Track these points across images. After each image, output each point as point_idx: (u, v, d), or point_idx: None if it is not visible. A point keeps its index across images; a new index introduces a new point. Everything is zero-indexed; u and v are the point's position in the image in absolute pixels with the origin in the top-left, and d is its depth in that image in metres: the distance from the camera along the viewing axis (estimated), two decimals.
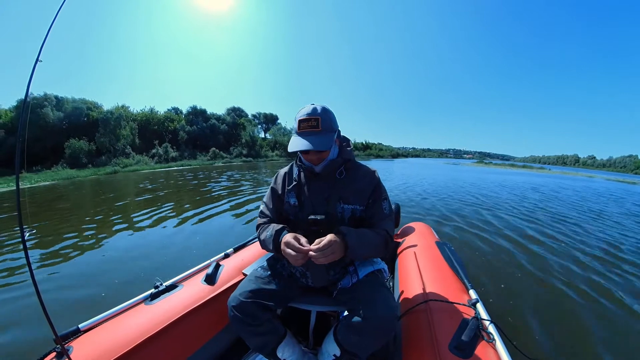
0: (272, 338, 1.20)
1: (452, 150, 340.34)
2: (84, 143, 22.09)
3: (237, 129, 36.53)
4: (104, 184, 12.18)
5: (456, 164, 43.78)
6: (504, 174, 23.20)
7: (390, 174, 16.66)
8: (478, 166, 38.06)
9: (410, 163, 35.46)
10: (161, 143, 28.01)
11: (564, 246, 4.18)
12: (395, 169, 21.94)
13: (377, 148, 65.84)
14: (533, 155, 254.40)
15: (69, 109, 24.73)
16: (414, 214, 5.92)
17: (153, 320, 1.22)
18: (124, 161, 22.45)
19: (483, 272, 3.12)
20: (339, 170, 1.30)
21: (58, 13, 1.02)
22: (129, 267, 3.21)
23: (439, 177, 15.61)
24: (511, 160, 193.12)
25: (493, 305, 2.46)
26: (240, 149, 33.57)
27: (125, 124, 25.87)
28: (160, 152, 26.61)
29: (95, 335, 1.15)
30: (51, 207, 6.96)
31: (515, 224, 5.47)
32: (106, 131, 23.97)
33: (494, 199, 8.51)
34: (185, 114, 35.23)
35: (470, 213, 6.22)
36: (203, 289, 1.45)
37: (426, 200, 7.77)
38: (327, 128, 1.20)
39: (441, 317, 1.20)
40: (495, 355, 1.02)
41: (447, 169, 23.81)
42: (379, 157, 57.36)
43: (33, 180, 14.50)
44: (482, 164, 50.68)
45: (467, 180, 14.61)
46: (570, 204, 8.47)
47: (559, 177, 23.89)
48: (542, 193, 10.69)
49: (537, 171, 30.89)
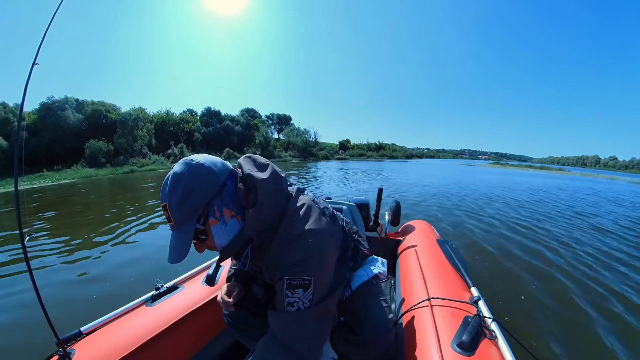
0: None
1: (467, 150, 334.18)
2: (102, 144, 22.84)
3: (250, 130, 36.99)
4: (121, 182, 12.50)
5: (471, 165, 42.93)
6: (510, 174, 22.57)
7: (406, 174, 16.51)
8: (493, 167, 37.19)
9: (423, 164, 34.96)
10: (177, 144, 28.70)
11: (566, 245, 4.18)
12: (410, 170, 21.68)
13: (390, 149, 65.04)
14: (552, 156, 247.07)
15: (89, 111, 25.81)
16: (418, 213, 5.90)
17: (154, 322, 1.22)
18: (140, 161, 23.08)
19: (485, 270, 3.12)
20: (243, 256, 0.88)
21: (54, 17, 1.02)
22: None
23: (444, 180, 15.34)
24: (528, 162, 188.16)
25: (496, 303, 2.46)
26: (254, 150, 33.92)
27: (142, 125, 26.65)
28: (176, 152, 27.27)
29: (96, 338, 1.15)
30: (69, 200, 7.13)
31: (517, 221, 5.44)
32: (124, 132, 24.71)
33: (493, 199, 8.38)
34: (200, 115, 35.95)
35: (470, 213, 6.17)
36: (204, 290, 1.45)
37: (425, 201, 7.73)
38: (180, 219, 0.75)
39: (443, 315, 1.19)
40: (498, 352, 1.00)
41: (455, 171, 23.28)
42: (393, 157, 56.66)
43: (54, 178, 15.22)
44: (498, 165, 49.51)
45: (467, 182, 14.27)
46: (576, 204, 8.29)
47: (577, 179, 23.08)
48: (547, 193, 10.52)
49: (555, 172, 29.84)
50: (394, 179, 13.77)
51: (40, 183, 13.76)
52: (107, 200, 8.34)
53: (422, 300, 1.32)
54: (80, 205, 7.21)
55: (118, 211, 6.31)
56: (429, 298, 1.31)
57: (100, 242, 4.14)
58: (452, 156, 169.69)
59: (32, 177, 15.79)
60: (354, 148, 55.93)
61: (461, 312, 1.19)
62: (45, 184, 13.24)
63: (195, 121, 33.72)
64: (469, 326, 1.07)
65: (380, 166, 25.97)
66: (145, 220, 5.36)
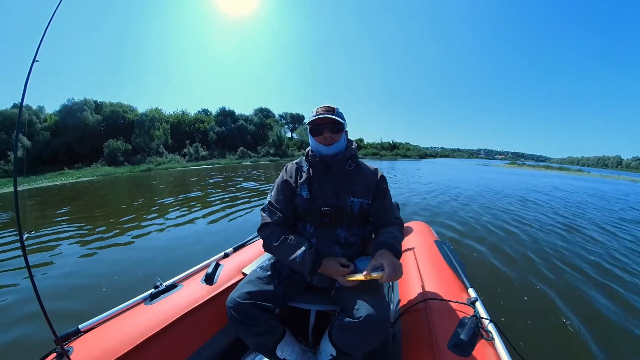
0: (271, 338, 1.21)
1: (483, 150, 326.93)
2: (121, 143, 23.56)
3: (264, 129, 37.19)
4: (137, 179, 12.80)
5: (487, 164, 41.92)
6: (521, 174, 21.87)
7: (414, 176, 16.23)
8: (509, 167, 36.19)
9: (439, 164, 34.38)
10: (192, 143, 29.21)
11: (567, 244, 4.18)
12: (424, 170, 21.32)
13: (404, 148, 64.08)
14: (571, 157, 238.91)
15: (107, 112, 26.68)
16: (417, 215, 5.84)
17: (153, 321, 1.23)
18: (157, 160, 23.66)
19: (483, 271, 3.12)
20: (348, 162, 1.38)
21: (54, 13, 1.04)
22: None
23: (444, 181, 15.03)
24: (546, 162, 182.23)
25: (493, 304, 2.46)
26: (268, 149, 34.15)
27: (158, 126, 27.35)
28: (191, 151, 27.84)
29: (95, 335, 1.16)
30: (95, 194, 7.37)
31: (516, 222, 5.39)
32: (141, 132, 25.39)
33: (494, 198, 8.15)
34: (214, 115, 36.40)
35: (470, 211, 6.12)
36: (203, 288, 1.46)
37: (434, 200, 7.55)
38: (340, 116, 1.33)
39: (440, 316, 1.20)
40: (495, 353, 1.01)
41: (469, 172, 22.67)
42: (406, 157, 55.85)
43: (75, 176, 15.82)
44: (515, 165, 48.12)
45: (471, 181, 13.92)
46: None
47: (595, 180, 22.11)
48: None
49: (574, 173, 28.59)
50: (410, 179, 13.52)
51: (62, 180, 14.31)
52: (123, 196, 8.60)
53: (419, 301, 1.33)
54: (99, 199, 7.44)
55: (130, 207, 6.48)
56: (426, 299, 1.32)
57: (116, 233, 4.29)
58: (467, 156, 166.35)
59: (53, 175, 16.53)
60: (367, 147, 55.50)
61: (458, 313, 1.20)
62: (65, 181, 13.72)
63: (210, 121, 34.20)
64: (466, 327, 1.08)
65: (393, 165, 25.68)
66: (159, 215, 5.48)
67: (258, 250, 1.86)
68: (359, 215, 1.34)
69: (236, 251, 1.90)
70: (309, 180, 1.37)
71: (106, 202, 7.74)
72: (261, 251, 1.81)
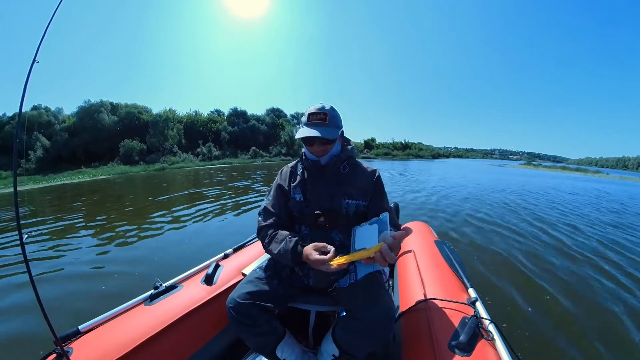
0: (271, 338, 1.20)
1: (497, 150, 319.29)
2: (136, 143, 24.17)
3: (276, 129, 37.43)
4: (152, 178, 13.03)
5: (501, 165, 40.99)
6: (529, 175, 21.21)
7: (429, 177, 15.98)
8: (524, 168, 35.24)
9: (452, 165, 33.77)
10: (205, 143, 29.71)
11: (566, 244, 4.15)
12: (435, 171, 20.98)
13: (416, 148, 63.18)
14: (589, 157, 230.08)
15: (123, 113, 27.40)
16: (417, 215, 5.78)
17: (153, 321, 1.23)
18: (171, 159, 24.18)
19: (483, 271, 3.10)
20: (342, 165, 1.36)
21: (54, 14, 1.04)
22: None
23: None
24: (563, 162, 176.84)
25: (493, 304, 2.44)
26: (279, 148, 34.38)
27: (172, 126, 27.92)
28: (204, 151, 28.33)
29: (95, 336, 1.16)
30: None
31: (518, 221, 5.36)
32: (155, 132, 25.98)
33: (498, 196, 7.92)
34: (227, 115, 36.81)
35: (470, 211, 6.06)
36: (202, 289, 1.46)
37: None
38: (333, 123, 1.28)
39: (440, 316, 1.20)
40: (495, 353, 1.01)
41: (480, 173, 22.11)
42: (419, 157, 55.04)
43: (92, 174, 16.37)
44: (530, 165, 46.73)
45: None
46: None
47: (615, 182, 21.24)
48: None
49: (592, 175, 27.40)
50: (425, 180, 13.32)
51: (80, 178, 14.79)
52: (138, 195, 8.79)
53: (420, 301, 1.33)
54: (114, 197, 7.59)
55: (134, 206, 6.62)
56: (427, 299, 1.32)
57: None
58: (481, 156, 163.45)
59: (71, 173, 17.14)
60: (379, 147, 55.19)
61: (458, 313, 1.20)
62: (83, 180, 14.12)
63: (222, 121, 34.65)
64: (466, 327, 1.08)
65: (405, 166, 25.38)
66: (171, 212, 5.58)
67: (258, 251, 1.87)
68: (355, 218, 1.32)
69: (236, 252, 1.91)
70: (302, 183, 1.36)
71: (111, 203, 7.89)
72: (261, 252, 1.82)
